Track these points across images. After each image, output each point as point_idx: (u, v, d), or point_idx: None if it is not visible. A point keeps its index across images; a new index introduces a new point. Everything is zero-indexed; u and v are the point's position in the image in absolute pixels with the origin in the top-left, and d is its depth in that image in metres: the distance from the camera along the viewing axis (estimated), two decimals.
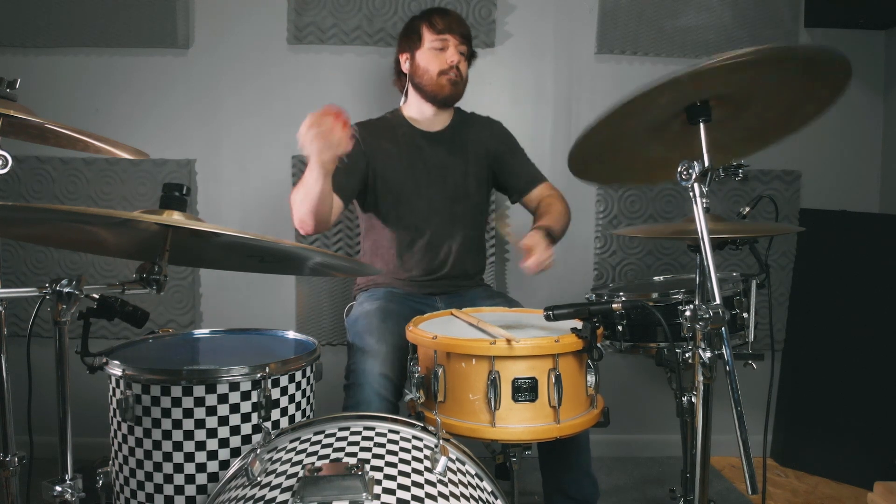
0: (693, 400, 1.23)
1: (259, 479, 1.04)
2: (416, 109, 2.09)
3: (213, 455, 1.35)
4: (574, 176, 1.44)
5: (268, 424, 1.36)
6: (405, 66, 2.07)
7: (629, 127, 1.28)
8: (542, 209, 2.05)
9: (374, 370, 1.67)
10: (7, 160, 1.16)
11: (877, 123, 2.69)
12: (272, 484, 1.01)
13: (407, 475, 1.02)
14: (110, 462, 1.44)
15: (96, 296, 1.26)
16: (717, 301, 1.11)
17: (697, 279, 1.32)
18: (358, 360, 1.71)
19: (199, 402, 1.34)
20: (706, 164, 1.18)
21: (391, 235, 2.03)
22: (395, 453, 1.08)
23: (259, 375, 1.37)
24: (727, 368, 1.09)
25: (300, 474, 0.98)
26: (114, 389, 1.41)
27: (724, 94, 1.20)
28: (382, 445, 1.10)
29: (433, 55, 1.99)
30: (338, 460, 1.04)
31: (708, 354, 1.12)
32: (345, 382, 1.76)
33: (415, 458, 1.08)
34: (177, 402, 1.34)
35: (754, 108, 1.28)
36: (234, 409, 1.36)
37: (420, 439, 1.16)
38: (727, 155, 1.36)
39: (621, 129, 1.29)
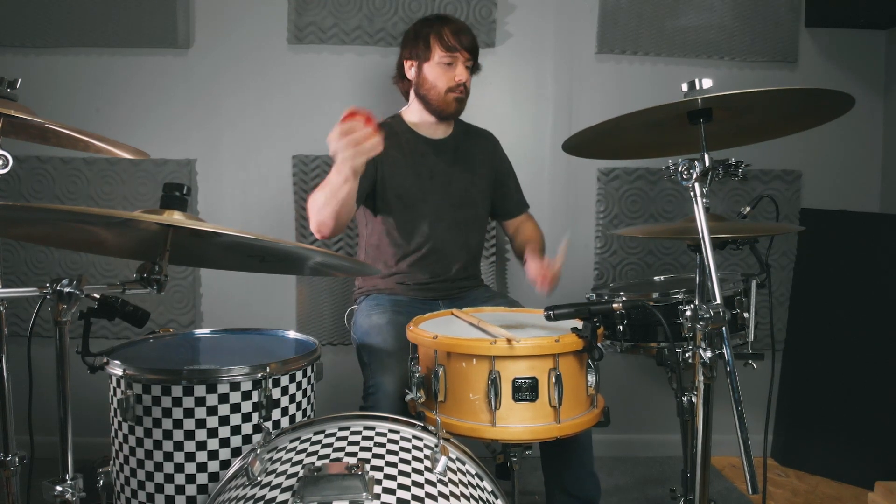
0: (693, 400, 1.23)
1: (259, 478, 1.04)
2: (419, 116, 2.09)
3: (213, 455, 1.35)
4: (566, 153, 1.46)
5: (268, 424, 1.37)
6: (410, 73, 2.06)
7: (628, 124, 1.29)
8: (523, 232, 2.20)
9: (398, 392, 1.64)
10: (7, 160, 1.16)
11: (877, 123, 2.69)
12: (272, 484, 1.01)
13: (407, 475, 1.02)
14: (111, 462, 1.44)
15: (97, 296, 1.25)
16: (718, 301, 1.11)
17: (698, 279, 1.32)
18: (379, 382, 1.68)
19: (200, 401, 1.34)
20: (706, 163, 1.18)
21: (396, 240, 2.03)
22: (395, 453, 1.08)
23: (260, 375, 1.37)
24: (727, 368, 1.09)
25: (300, 474, 0.98)
26: (114, 389, 1.41)
27: (725, 105, 1.22)
28: (382, 445, 1.10)
29: (441, 70, 1.98)
30: (338, 460, 1.04)
31: (708, 354, 1.12)
32: (362, 404, 1.73)
33: (415, 458, 1.08)
34: (177, 402, 1.34)
35: (755, 114, 1.29)
36: (235, 408, 1.36)
37: (420, 439, 1.16)
38: (725, 144, 1.39)
39: (619, 127, 1.29)
